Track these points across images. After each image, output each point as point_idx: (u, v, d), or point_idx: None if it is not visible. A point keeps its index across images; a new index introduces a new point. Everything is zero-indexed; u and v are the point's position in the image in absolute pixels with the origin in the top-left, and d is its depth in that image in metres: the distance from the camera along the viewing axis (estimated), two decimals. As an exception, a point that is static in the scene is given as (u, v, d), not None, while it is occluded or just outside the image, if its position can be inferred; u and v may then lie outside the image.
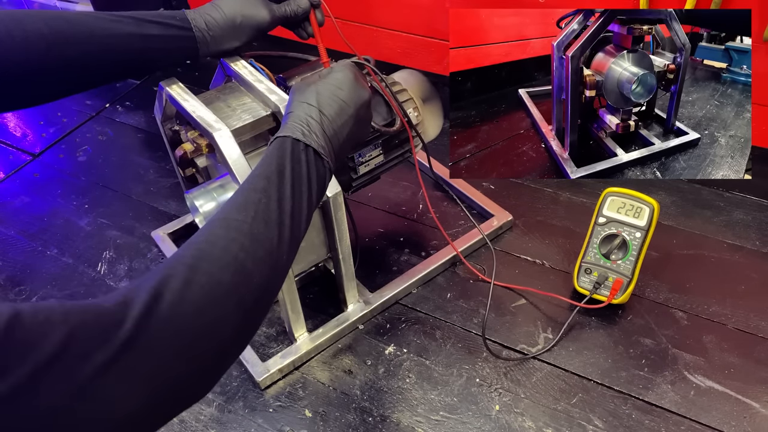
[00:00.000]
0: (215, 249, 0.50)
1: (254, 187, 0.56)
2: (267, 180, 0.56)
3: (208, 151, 0.75)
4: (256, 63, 0.78)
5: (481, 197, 0.97)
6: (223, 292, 0.48)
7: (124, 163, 1.14)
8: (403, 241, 0.94)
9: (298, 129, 0.61)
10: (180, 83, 0.77)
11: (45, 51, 0.65)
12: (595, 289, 0.80)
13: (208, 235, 0.51)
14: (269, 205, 0.55)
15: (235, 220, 0.53)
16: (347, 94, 0.64)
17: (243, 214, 0.53)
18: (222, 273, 0.48)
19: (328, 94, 0.63)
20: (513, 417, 0.73)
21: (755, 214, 0.92)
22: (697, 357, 0.76)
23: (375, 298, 0.84)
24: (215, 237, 0.51)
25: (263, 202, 0.55)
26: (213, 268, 0.48)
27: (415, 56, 1.12)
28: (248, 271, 0.51)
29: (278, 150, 0.59)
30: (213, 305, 0.47)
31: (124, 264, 0.95)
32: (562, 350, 0.78)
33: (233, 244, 0.51)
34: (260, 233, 0.53)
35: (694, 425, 0.70)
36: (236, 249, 0.50)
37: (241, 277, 0.50)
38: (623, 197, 0.82)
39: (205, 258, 0.49)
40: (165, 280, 0.45)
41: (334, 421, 0.74)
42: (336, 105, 0.63)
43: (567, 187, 0.99)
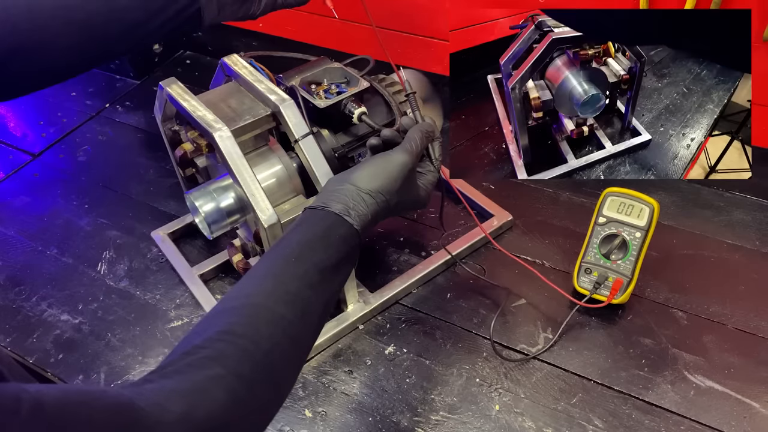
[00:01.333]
0: (258, 353, 0.47)
1: (310, 281, 0.53)
2: (322, 276, 0.54)
3: (208, 151, 0.75)
4: (256, 63, 0.78)
5: (481, 197, 0.97)
6: (255, 404, 0.47)
7: (124, 163, 1.14)
8: (403, 241, 0.94)
9: (365, 220, 0.59)
10: (180, 83, 0.77)
11: (50, 15, 0.64)
12: (595, 289, 0.80)
13: (253, 330, 0.48)
14: (316, 308, 0.53)
15: (283, 317, 0.50)
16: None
17: (291, 312, 0.50)
18: (256, 386, 0.47)
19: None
20: (513, 417, 0.73)
21: (755, 214, 0.92)
22: (697, 357, 0.76)
23: (375, 298, 0.84)
24: (259, 336, 0.48)
25: (312, 302, 0.52)
26: (254, 384, 0.46)
27: (415, 56, 1.12)
28: (279, 381, 0.49)
29: (344, 244, 0.56)
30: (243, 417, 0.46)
31: (124, 264, 0.95)
32: (562, 350, 0.78)
33: (276, 349, 0.48)
34: (300, 336, 0.51)
35: (694, 425, 0.70)
36: (277, 357, 0.48)
37: (272, 388, 0.49)
38: (623, 197, 0.82)
39: (247, 367, 0.46)
40: (203, 395, 0.43)
41: (334, 421, 0.74)
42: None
43: (567, 187, 0.99)
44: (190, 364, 0.45)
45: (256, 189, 0.70)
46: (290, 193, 0.77)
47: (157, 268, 0.94)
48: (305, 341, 0.53)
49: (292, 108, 0.73)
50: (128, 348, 0.83)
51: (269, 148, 0.77)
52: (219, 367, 0.45)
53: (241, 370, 0.46)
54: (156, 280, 0.92)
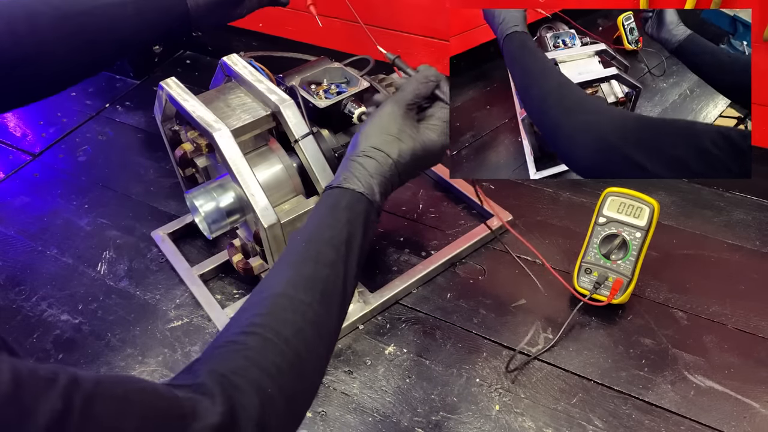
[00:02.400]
0: (279, 341, 0.47)
1: (324, 260, 0.53)
2: (336, 251, 0.53)
3: (208, 151, 0.75)
4: (256, 63, 0.78)
5: (480, 197, 0.96)
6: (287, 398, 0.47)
7: (124, 163, 1.14)
8: (403, 241, 0.94)
9: (376, 187, 0.57)
10: (180, 83, 0.77)
11: (52, 28, 0.65)
12: (595, 289, 0.80)
13: (275, 320, 0.49)
14: (336, 284, 0.52)
15: (302, 302, 0.50)
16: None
17: (310, 295, 0.51)
18: (280, 376, 0.47)
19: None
20: (513, 417, 0.73)
21: (755, 214, 0.92)
22: (697, 357, 0.76)
23: (375, 298, 0.84)
24: (281, 324, 0.48)
25: (330, 280, 0.52)
26: (280, 377, 0.46)
27: (415, 56, 1.12)
28: (303, 367, 0.49)
29: (350, 211, 0.55)
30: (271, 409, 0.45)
31: (124, 264, 0.95)
32: (562, 350, 0.78)
33: (299, 336, 0.48)
34: (321, 317, 0.51)
35: (694, 425, 0.70)
36: (300, 344, 0.48)
37: (296, 374, 0.48)
38: (623, 197, 0.82)
39: (271, 358, 0.47)
40: (233, 389, 0.43)
41: (334, 421, 0.74)
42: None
43: (567, 187, 0.99)
44: (216, 356, 0.46)
45: (256, 189, 0.70)
46: (290, 193, 0.77)
47: (157, 268, 0.94)
48: (329, 324, 0.52)
49: (292, 108, 0.73)
50: (128, 348, 0.83)
51: (269, 148, 0.77)
52: (243, 360, 0.45)
53: (265, 363, 0.46)
54: (156, 280, 0.92)
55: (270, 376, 0.46)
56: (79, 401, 0.33)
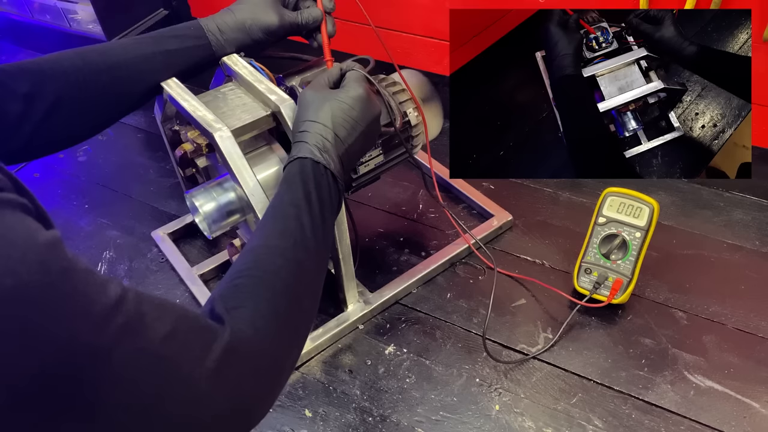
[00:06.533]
0: (270, 277, 0.53)
1: (286, 213, 0.58)
2: (297, 208, 0.58)
3: (208, 151, 0.75)
4: (256, 63, 0.78)
5: (480, 197, 0.97)
6: (283, 322, 0.52)
7: (124, 163, 1.14)
8: (403, 241, 0.94)
9: (316, 150, 0.62)
10: (180, 83, 0.77)
11: (82, 84, 0.69)
12: (595, 289, 0.80)
13: (259, 263, 0.54)
14: (305, 233, 0.57)
15: (278, 246, 0.55)
16: (360, 114, 0.65)
17: (285, 241, 0.56)
18: (280, 302, 0.52)
19: (342, 115, 0.64)
20: (513, 417, 0.73)
21: (755, 214, 0.92)
22: (697, 357, 0.76)
23: (375, 298, 0.84)
24: (266, 265, 0.54)
25: (299, 230, 0.57)
26: (275, 299, 0.52)
27: (415, 56, 1.12)
28: (299, 299, 0.54)
29: (301, 174, 0.60)
30: (277, 333, 0.51)
31: (124, 264, 0.95)
32: (562, 350, 0.78)
33: (283, 271, 0.54)
34: (303, 260, 0.56)
35: (694, 425, 0.70)
36: (287, 276, 0.54)
37: (295, 306, 0.54)
38: (623, 197, 0.82)
39: (263, 288, 0.52)
40: (236, 319, 0.48)
41: (334, 421, 0.74)
42: (349, 125, 0.64)
43: (567, 187, 0.99)
44: (217, 299, 0.50)
45: (256, 189, 0.70)
46: (290, 193, 0.77)
47: (157, 268, 0.94)
48: (308, 264, 0.56)
49: (292, 108, 0.73)
50: (128, 348, 0.83)
51: (269, 148, 0.77)
52: (241, 295, 0.51)
53: (258, 294, 0.51)
54: (156, 280, 0.92)
55: (266, 300, 0.51)
56: (132, 293, 0.39)
